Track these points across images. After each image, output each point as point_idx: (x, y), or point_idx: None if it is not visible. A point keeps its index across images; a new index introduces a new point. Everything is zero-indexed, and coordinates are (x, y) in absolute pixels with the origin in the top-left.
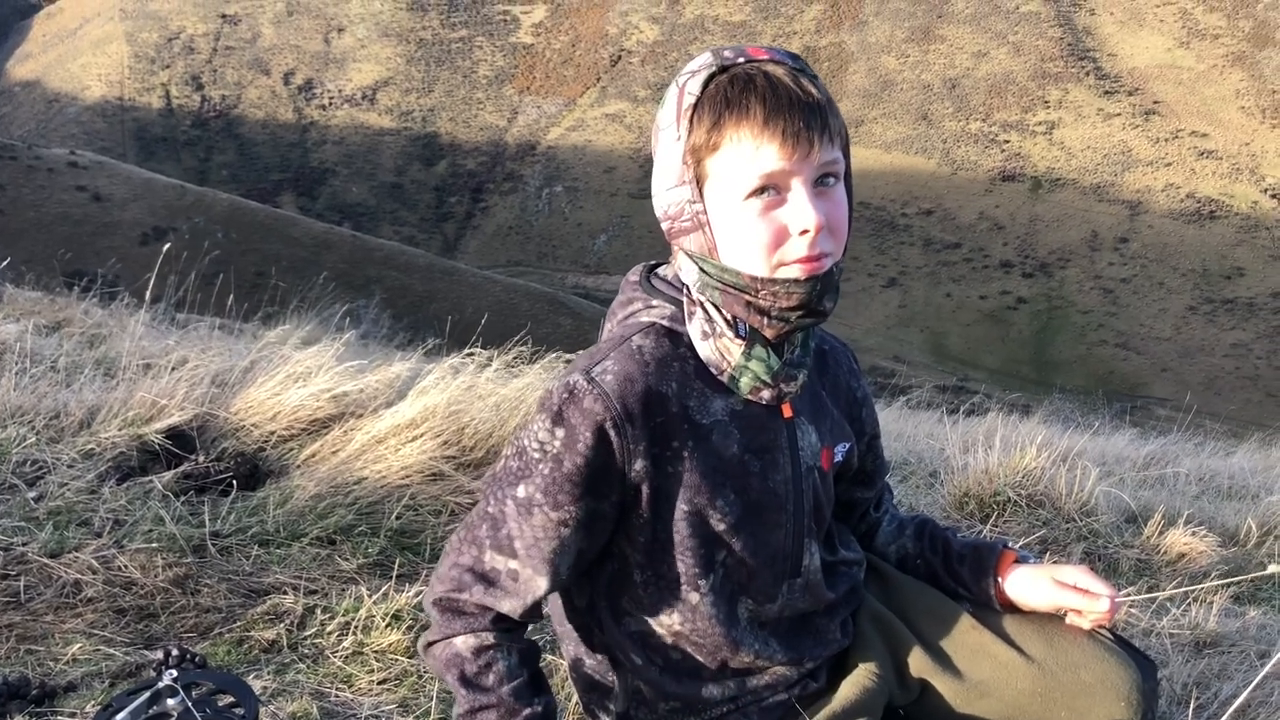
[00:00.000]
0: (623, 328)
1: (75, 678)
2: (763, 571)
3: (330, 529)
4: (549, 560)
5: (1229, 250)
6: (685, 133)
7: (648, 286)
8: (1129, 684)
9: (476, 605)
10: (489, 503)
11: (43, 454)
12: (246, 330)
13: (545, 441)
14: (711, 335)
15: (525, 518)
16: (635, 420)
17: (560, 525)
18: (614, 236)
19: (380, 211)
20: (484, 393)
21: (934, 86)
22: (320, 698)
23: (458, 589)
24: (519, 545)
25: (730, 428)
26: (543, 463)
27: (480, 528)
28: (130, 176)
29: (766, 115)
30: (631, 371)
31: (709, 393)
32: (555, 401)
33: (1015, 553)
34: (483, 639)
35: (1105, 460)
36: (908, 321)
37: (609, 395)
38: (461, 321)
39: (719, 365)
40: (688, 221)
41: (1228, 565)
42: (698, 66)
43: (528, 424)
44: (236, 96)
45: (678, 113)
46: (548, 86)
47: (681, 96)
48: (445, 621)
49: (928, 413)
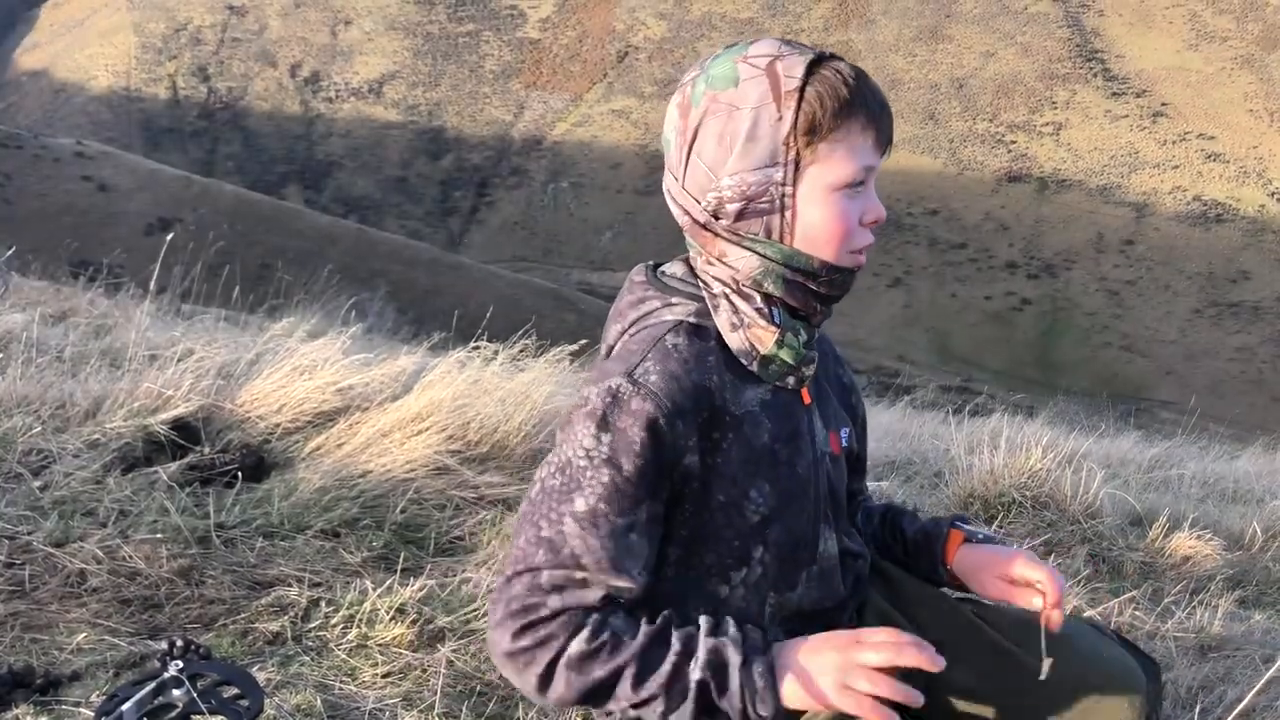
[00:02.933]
0: (647, 329)
1: (80, 667)
2: (787, 560)
3: (335, 522)
4: (623, 567)
5: (1235, 254)
6: (789, 114)
7: (660, 285)
8: (1133, 685)
9: (556, 609)
10: (538, 529)
11: (48, 444)
12: (252, 322)
13: (592, 449)
14: (741, 326)
15: (590, 531)
16: (685, 415)
17: (628, 531)
18: (619, 233)
19: (385, 205)
20: (489, 387)
21: (941, 86)
22: (324, 690)
23: (525, 610)
24: (587, 560)
25: (761, 417)
26: (595, 470)
27: (534, 556)
28: (136, 167)
29: (874, 110)
30: (674, 369)
31: (739, 384)
32: (599, 407)
33: (964, 532)
34: (582, 623)
35: (1110, 462)
36: (912, 321)
37: (657, 394)
38: (466, 316)
39: (750, 355)
40: (766, 203)
41: (1233, 569)
42: (776, 51)
43: (565, 440)
44: (243, 88)
45: (775, 94)
46: (554, 82)
47: (777, 79)
48: (533, 653)
49: (932, 413)
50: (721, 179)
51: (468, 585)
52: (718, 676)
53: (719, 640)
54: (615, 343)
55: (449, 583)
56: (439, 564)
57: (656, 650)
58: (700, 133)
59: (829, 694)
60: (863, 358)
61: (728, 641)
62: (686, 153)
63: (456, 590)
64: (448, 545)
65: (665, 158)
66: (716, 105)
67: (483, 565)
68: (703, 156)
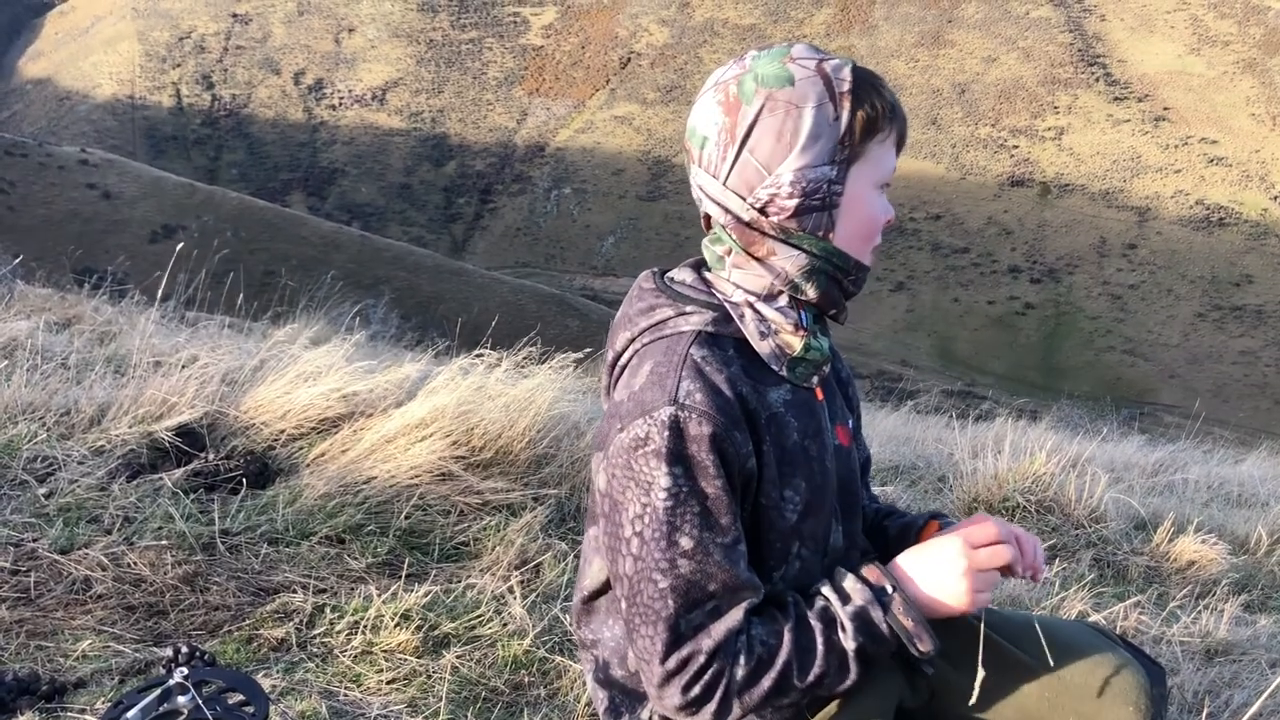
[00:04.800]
0: (664, 342)
1: (85, 674)
2: (813, 554)
3: (339, 528)
4: (746, 579)
5: (1238, 257)
6: (846, 113)
7: (670, 292)
8: (1137, 689)
9: (710, 652)
10: (656, 583)
11: (53, 450)
12: (256, 329)
13: (671, 486)
14: (769, 334)
15: (705, 560)
16: (738, 424)
17: (735, 544)
18: (622, 239)
19: (389, 212)
20: (493, 393)
21: (943, 91)
22: (329, 696)
23: (684, 666)
24: (715, 588)
25: (787, 417)
26: (684, 505)
27: (668, 608)
28: (140, 174)
29: (900, 116)
30: (713, 383)
31: (762, 387)
32: (660, 444)
33: (939, 523)
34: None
35: (1114, 467)
36: (915, 326)
37: (710, 412)
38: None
39: (780, 359)
40: (819, 200)
41: (1239, 574)
42: (814, 54)
43: (634, 482)
44: (247, 96)
45: (830, 94)
46: (557, 88)
47: (829, 79)
48: (705, 701)
49: (935, 417)
50: (780, 175)
51: (472, 591)
52: (869, 635)
53: (856, 606)
54: (624, 350)
55: (454, 589)
56: (444, 570)
57: (804, 638)
58: (756, 129)
59: (964, 606)
60: (866, 362)
61: (863, 603)
62: (736, 150)
63: (461, 596)
64: (452, 551)
65: (696, 157)
66: (774, 102)
67: (487, 571)
68: (756, 153)
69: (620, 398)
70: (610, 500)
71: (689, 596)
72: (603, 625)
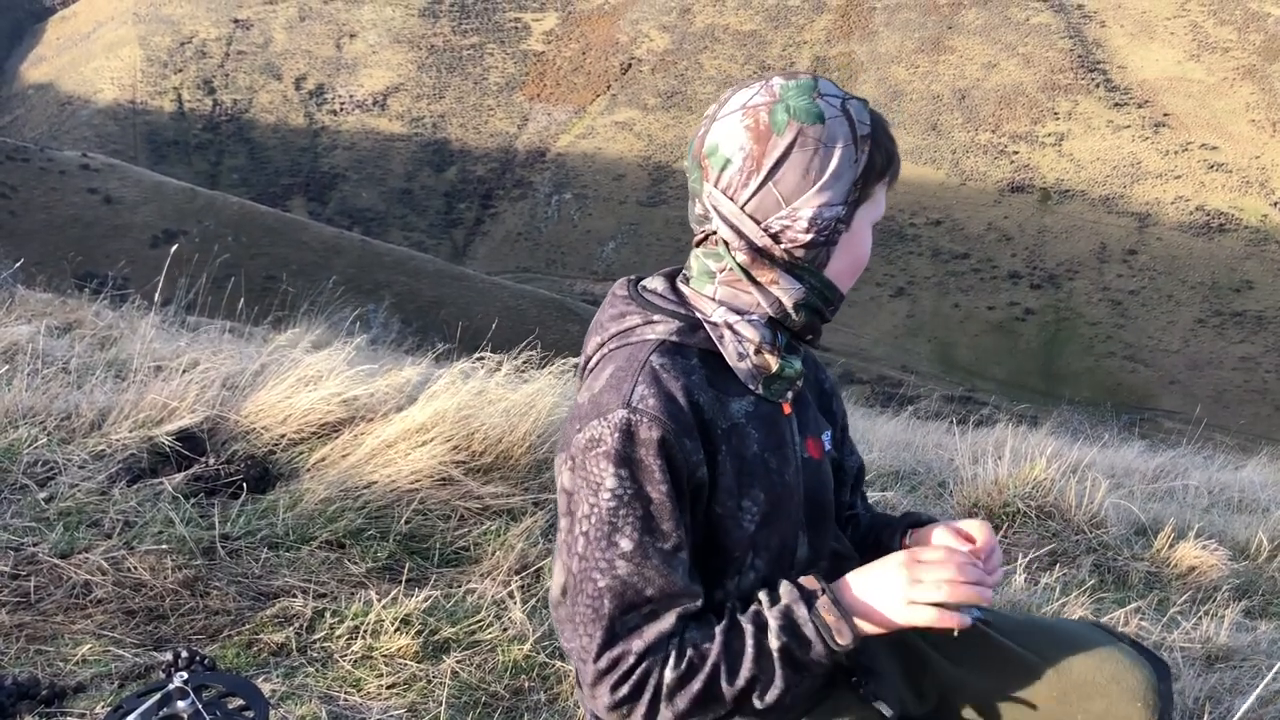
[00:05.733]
0: (628, 348)
1: (85, 678)
2: (774, 565)
3: (340, 532)
4: (684, 586)
5: (1238, 263)
6: (864, 156)
7: (641, 300)
8: (1144, 684)
9: (639, 653)
10: (595, 582)
11: (54, 455)
12: (256, 334)
13: (616, 487)
14: (748, 355)
15: (644, 563)
16: (689, 432)
17: (676, 550)
18: (622, 244)
19: (390, 217)
20: (494, 398)
21: (943, 97)
22: (329, 701)
23: (614, 666)
24: (651, 592)
25: (748, 428)
26: (627, 507)
27: (602, 608)
28: (141, 179)
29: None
30: (668, 389)
31: (724, 398)
32: (612, 447)
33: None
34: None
35: (1115, 472)
36: (915, 331)
37: (660, 417)
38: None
39: (756, 377)
40: (824, 236)
41: (1239, 579)
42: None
43: (584, 483)
44: (248, 101)
45: (854, 136)
46: (558, 94)
47: (853, 122)
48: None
49: (936, 423)
50: (798, 209)
51: (473, 596)
52: (793, 634)
53: (782, 605)
54: (594, 354)
55: (454, 593)
56: (444, 575)
57: (735, 641)
58: (784, 162)
59: (900, 618)
60: (866, 368)
61: (789, 602)
62: (761, 179)
63: (461, 601)
64: (452, 556)
65: (714, 177)
66: (805, 138)
67: (487, 576)
68: (780, 185)
69: (582, 400)
70: (569, 498)
71: (624, 598)
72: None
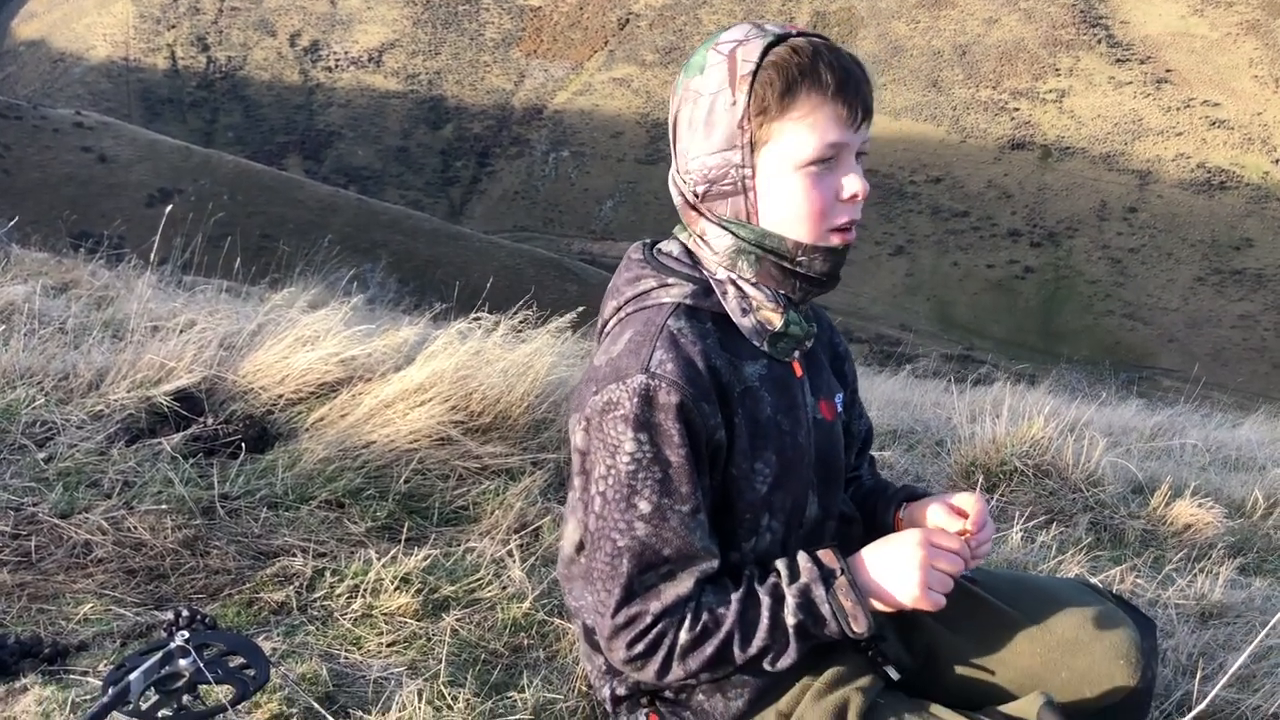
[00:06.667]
0: (645, 312)
1: (86, 637)
2: (786, 526)
3: (339, 492)
4: (702, 547)
5: (1238, 221)
6: (744, 98)
7: (656, 264)
8: (1128, 642)
9: (656, 614)
10: (614, 541)
11: (52, 415)
12: (253, 293)
13: (635, 451)
14: (750, 310)
15: (662, 525)
16: (707, 396)
17: (695, 513)
18: (620, 202)
19: (386, 175)
20: (491, 358)
21: (944, 53)
22: (330, 659)
23: (631, 624)
24: (669, 552)
25: (761, 391)
26: (646, 470)
27: (620, 568)
28: (136, 137)
29: (839, 85)
30: (687, 354)
31: (738, 360)
32: (629, 409)
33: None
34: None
35: (1112, 431)
36: (915, 290)
37: (679, 382)
38: (468, 286)
39: (761, 334)
40: (729, 185)
41: (1234, 537)
42: (743, 36)
43: (602, 445)
44: (242, 58)
45: (731, 79)
46: (555, 50)
47: (734, 64)
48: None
49: (934, 382)
50: (690, 162)
51: (472, 555)
52: (809, 613)
53: (801, 583)
54: (610, 318)
55: (453, 552)
56: (443, 534)
57: (751, 611)
58: (678, 119)
59: (914, 600)
60: (864, 326)
61: (808, 581)
62: (673, 138)
63: (461, 560)
64: (451, 515)
65: None
66: (687, 92)
67: (486, 535)
68: (680, 142)
69: (599, 363)
70: (583, 458)
71: (643, 558)
72: (585, 590)
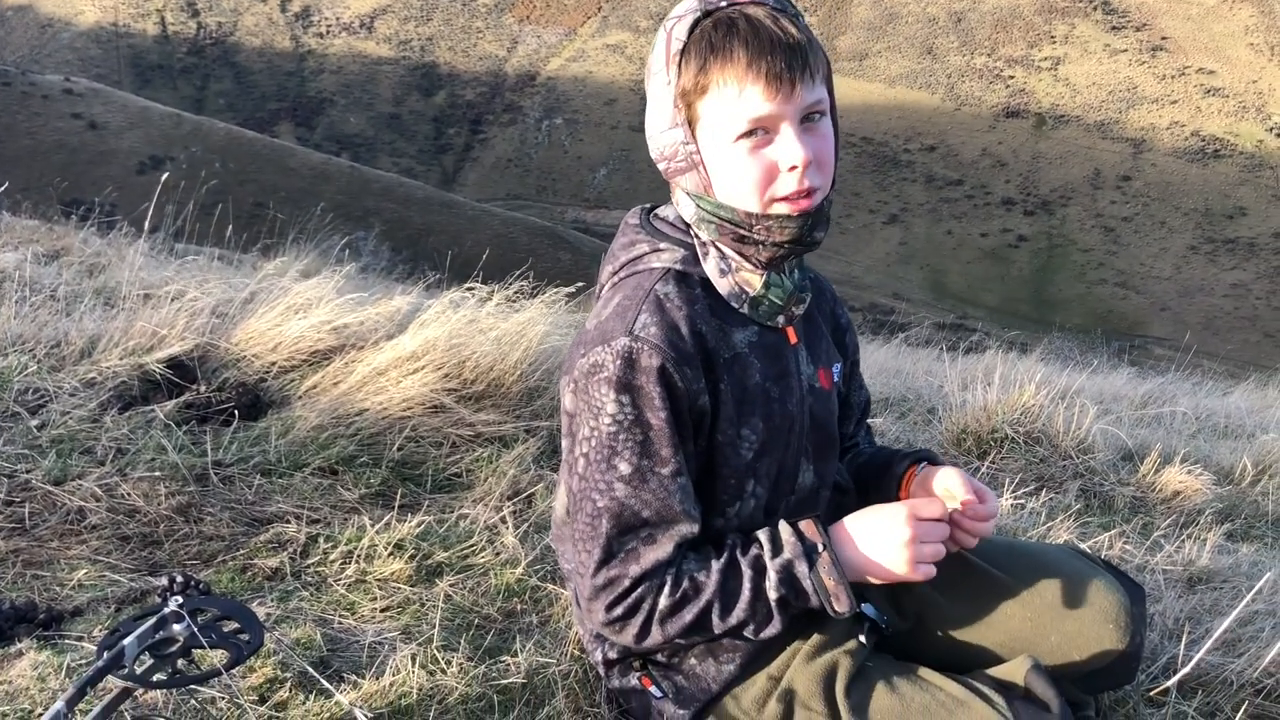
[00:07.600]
0: (636, 277)
1: (81, 602)
2: (772, 491)
3: (332, 459)
4: (682, 510)
5: (1232, 189)
6: (675, 77)
7: (650, 229)
8: (1116, 606)
9: (636, 577)
10: (594, 501)
11: (44, 382)
12: (245, 261)
13: (617, 413)
14: (729, 271)
15: (641, 487)
16: (690, 361)
17: (675, 476)
18: (614, 170)
19: (378, 142)
20: (485, 326)
21: (939, 20)
22: (324, 624)
23: (610, 586)
24: (648, 514)
25: (750, 358)
26: (627, 432)
27: (600, 528)
28: (126, 104)
29: (750, 59)
30: (671, 318)
31: (727, 327)
32: (612, 371)
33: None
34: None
35: (1103, 398)
36: (908, 258)
37: (661, 346)
38: (460, 255)
39: (740, 297)
40: (682, 162)
41: (1222, 503)
42: (683, 11)
43: (586, 407)
44: (233, 24)
45: (666, 57)
46: (548, 15)
47: (669, 41)
48: (626, 621)
49: (926, 350)
50: (651, 140)
51: (465, 521)
52: (791, 588)
53: (784, 558)
54: (605, 282)
55: (446, 519)
56: (436, 500)
57: (732, 581)
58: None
59: (904, 574)
60: (858, 295)
61: (791, 556)
62: None
63: (454, 526)
64: (445, 482)
65: None
66: (647, 69)
67: (479, 502)
68: (646, 116)
69: (589, 326)
70: (570, 420)
71: (621, 519)
72: (569, 559)
